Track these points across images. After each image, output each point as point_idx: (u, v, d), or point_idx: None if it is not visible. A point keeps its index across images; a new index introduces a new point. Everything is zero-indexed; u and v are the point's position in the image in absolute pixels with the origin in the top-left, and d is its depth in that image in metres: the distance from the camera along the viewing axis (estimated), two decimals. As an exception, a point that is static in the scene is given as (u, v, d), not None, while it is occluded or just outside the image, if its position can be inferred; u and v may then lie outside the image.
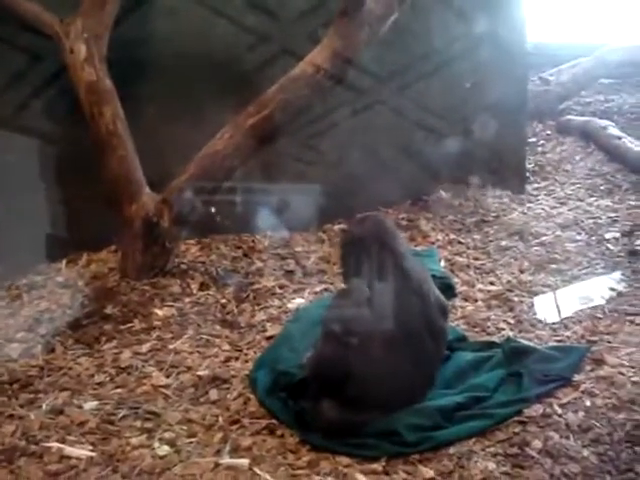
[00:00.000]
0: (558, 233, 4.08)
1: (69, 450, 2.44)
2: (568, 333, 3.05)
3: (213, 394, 2.74)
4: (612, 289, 3.42)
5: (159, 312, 3.29)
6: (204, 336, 3.13)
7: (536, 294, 3.40)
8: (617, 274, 3.56)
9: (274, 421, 2.54)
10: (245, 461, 2.35)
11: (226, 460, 2.37)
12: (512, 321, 3.17)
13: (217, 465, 2.35)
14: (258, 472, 2.30)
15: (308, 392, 2.54)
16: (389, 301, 2.52)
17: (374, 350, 2.46)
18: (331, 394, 2.45)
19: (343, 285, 2.79)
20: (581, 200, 4.58)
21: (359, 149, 4.22)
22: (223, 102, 3.67)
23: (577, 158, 5.28)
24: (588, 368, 2.78)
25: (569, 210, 4.42)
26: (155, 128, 3.68)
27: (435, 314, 2.64)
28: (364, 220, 2.82)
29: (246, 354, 3.00)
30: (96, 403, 2.71)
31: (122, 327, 3.20)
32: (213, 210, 3.64)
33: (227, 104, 3.62)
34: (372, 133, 4.24)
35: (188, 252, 3.86)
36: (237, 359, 2.97)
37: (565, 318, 3.17)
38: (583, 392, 2.63)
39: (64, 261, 3.83)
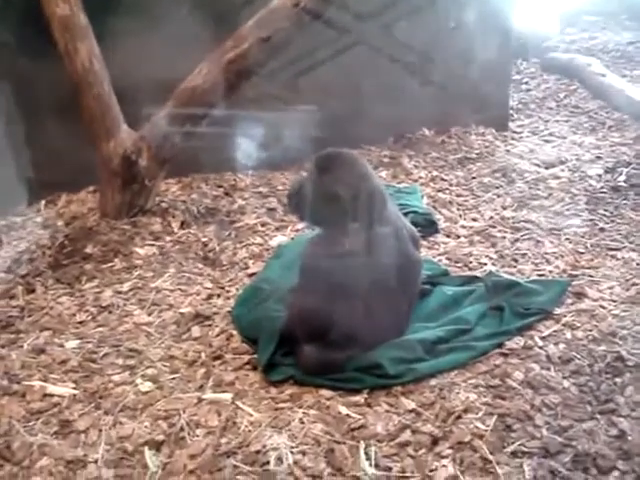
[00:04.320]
0: (541, 170, 4.07)
1: (51, 388, 2.45)
2: (550, 268, 3.06)
3: (195, 331, 2.74)
4: (594, 224, 3.43)
5: (140, 251, 3.27)
6: (186, 274, 3.12)
7: (519, 230, 3.40)
8: (599, 210, 3.56)
9: (256, 356, 2.54)
10: (228, 395, 2.37)
11: (209, 395, 2.38)
12: (494, 256, 3.18)
13: (200, 400, 2.36)
14: (241, 406, 2.32)
15: (287, 333, 2.54)
16: (364, 241, 2.49)
17: (352, 291, 2.45)
18: (313, 337, 2.45)
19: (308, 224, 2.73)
20: (564, 137, 4.57)
21: (341, 87, 4.17)
22: (201, 37, 3.60)
23: (561, 95, 5.26)
24: (569, 301, 2.80)
25: (552, 147, 4.41)
26: (132, 64, 3.59)
27: (409, 247, 2.63)
28: (331, 156, 2.64)
29: (228, 291, 3.00)
30: (78, 342, 2.71)
31: (103, 266, 3.18)
32: (193, 147, 3.58)
33: (205, 39, 3.54)
34: (355, 71, 4.19)
35: (169, 191, 3.84)
36: (219, 296, 2.97)
37: (547, 253, 3.18)
38: (564, 325, 2.65)
39: (43, 202, 3.81)
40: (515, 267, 3.08)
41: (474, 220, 3.54)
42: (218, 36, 3.45)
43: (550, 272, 3.03)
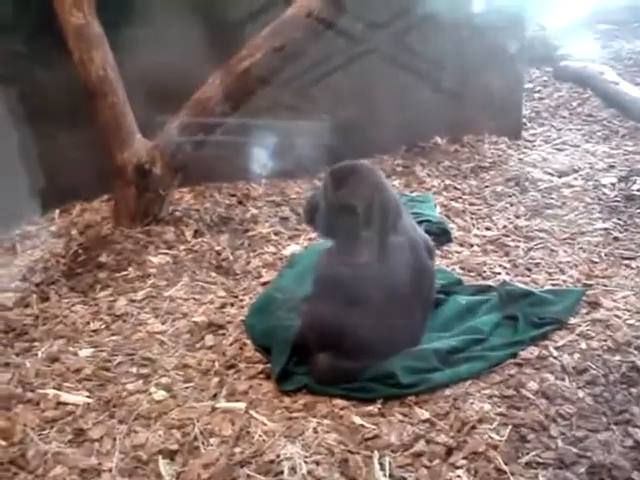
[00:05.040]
0: (554, 179, 4.06)
1: (65, 397, 2.45)
2: (564, 277, 3.06)
3: (209, 340, 2.74)
4: (608, 234, 3.41)
5: (154, 259, 3.28)
6: (199, 283, 3.13)
7: (532, 239, 3.39)
8: (613, 219, 3.55)
9: (270, 365, 2.54)
10: (242, 405, 2.37)
11: (223, 404, 2.38)
12: (508, 265, 3.17)
13: (214, 409, 2.36)
14: (255, 415, 2.32)
15: (300, 343, 2.53)
16: (378, 251, 2.48)
17: (367, 301, 2.44)
18: (326, 347, 2.45)
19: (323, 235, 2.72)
20: (578, 146, 4.56)
21: (354, 96, 4.17)
22: (215, 46, 3.61)
23: (574, 104, 5.24)
24: (584, 311, 2.79)
25: (566, 156, 4.40)
26: (146, 73, 3.61)
27: (424, 257, 2.63)
28: (346, 169, 2.63)
29: (241, 300, 3.00)
30: (92, 350, 2.71)
31: (117, 275, 3.19)
32: (206, 156, 3.59)
33: (219, 48, 3.56)
34: (368, 80, 4.19)
35: (182, 200, 3.84)
36: (232, 305, 2.97)
37: (561, 262, 3.17)
38: (579, 335, 2.64)
39: (57, 211, 3.82)
40: (529, 276, 3.08)
41: (487, 229, 3.54)
42: (232, 45, 3.46)
43: (564, 281, 3.03)
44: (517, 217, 3.64)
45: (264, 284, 3.10)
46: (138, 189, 3.46)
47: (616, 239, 3.36)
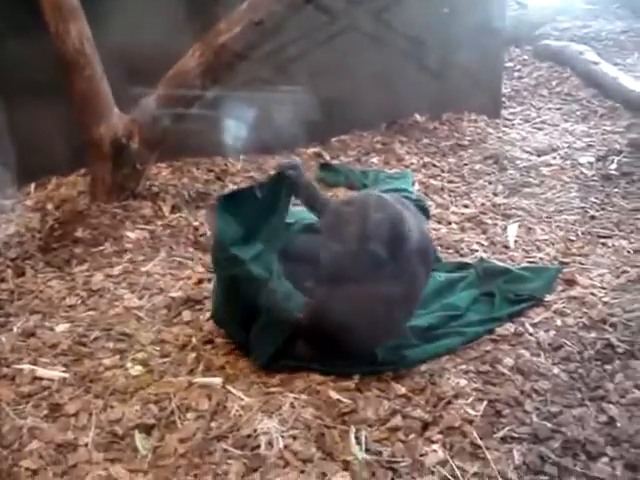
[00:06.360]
0: (533, 157, 4.08)
1: (41, 372, 2.44)
2: (541, 255, 3.08)
3: (186, 315, 2.73)
4: (585, 212, 3.44)
5: (130, 235, 3.25)
6: (176, 258, 3.11)
7: (510, 217, 3.41)
8: (591, 198, 3.57)
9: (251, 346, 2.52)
10: (218, 380, 2.37)
11: (199, 379, 2.38)
12: (485, 243, 3.19)
13: (191, 384, 2.35)
14: (231, 390, 2.31)
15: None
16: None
17: (381, 300, 2.35)
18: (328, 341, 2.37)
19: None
20: (556, 125, 4.59)
21: (334, 72, 4.15)
22: (194, 19, 3.57)
23: (553, 83, 5.27)
24: (560, 288, 2.81)
25: (544, 135, 4.43)
26: (124, 46, 3.56)
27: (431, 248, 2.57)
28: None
29: (219, 275, 2.98)
30: (68, 325, 2.69)
31: (93, 250, 3.16)
32: (184, 131, 3.55)
33: (198, 21, 3.52)
34: (348, 56, 4.17)
35: (159, 175, 3.81)
36: (210, 280, 2.92)
37: (538, 240, 3.19)
38: (554, 312, 2.67)
39: (33, 185, 3.77)
40: (506, 254, 3.09)
41: (465, 207, 3.55)
42: (210, 19, 3.42)
43: (541, 259, 3.05)
44: (495, 195, 3.66)
45: (242, 260, 3.08)
46: (115, 163, 3.42)
47: (593, 218, 3.39)
